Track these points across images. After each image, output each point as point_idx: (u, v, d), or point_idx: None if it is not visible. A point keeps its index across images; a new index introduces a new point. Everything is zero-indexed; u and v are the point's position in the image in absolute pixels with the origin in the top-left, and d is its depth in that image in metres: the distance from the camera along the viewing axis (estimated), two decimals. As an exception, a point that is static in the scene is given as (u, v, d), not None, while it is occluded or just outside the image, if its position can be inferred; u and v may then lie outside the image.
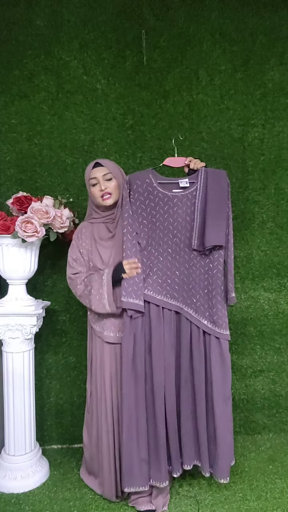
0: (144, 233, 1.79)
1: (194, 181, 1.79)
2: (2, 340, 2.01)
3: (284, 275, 2.47)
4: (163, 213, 1.78)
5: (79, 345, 2.36)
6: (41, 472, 2.05)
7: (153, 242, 1.80)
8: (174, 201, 1.78)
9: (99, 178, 1.81)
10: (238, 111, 2.39)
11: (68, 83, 2.30)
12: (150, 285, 1.79)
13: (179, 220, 1.79)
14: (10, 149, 2.29)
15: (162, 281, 1.80)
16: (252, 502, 1.89)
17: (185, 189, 1.79)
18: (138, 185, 1.78)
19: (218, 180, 1.78)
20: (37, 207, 1.90)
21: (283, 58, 2.40)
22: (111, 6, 2.29)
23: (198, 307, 1.81)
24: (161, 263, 1.81)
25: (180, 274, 1.81)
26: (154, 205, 1.78)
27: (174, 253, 1.81)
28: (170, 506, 1.86)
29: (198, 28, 2.34)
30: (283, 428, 2.51)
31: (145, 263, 1.80)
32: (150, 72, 2.33)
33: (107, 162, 1.85)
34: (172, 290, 1.80)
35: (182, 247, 1.80)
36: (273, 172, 2.43)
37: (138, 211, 1.78)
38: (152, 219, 1.79)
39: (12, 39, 2.26)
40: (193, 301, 1.81)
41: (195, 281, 1.82)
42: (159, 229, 1.79)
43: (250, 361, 2.48)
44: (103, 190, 1.81)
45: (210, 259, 1.80)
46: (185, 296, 1.81)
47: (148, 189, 1.78)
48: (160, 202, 1.78)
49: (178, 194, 1.78)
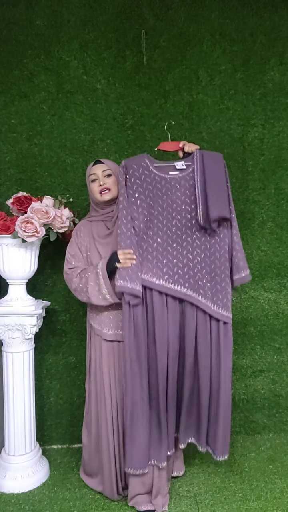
0: (142, 216, 1.75)
1: (190, 163, 1.79)
2: (2, 340, 2.01)
3: (284, 275, 2.47)
4: (161, 195, 1.76)
5: (79, 345, 2.36)
6: (41, 472, 2.05)
7: (151, 225, 1.76)
8: (172, 183, 1.77)
9: (99, 174, 1.87)
10: (238, 111, 2.39)
11: (68, 83, 2.30)
12: (149, 270, 1.72)
13: (178, 202, 1.76)
14: (10, 149, 2.29)
15: (163, 265, 1.74)
16: (252, 502, 1.89)
17: (182, 171, 1.78)
18: (135, 169, 1.76)
19: (215, 160, 1.78)
20: (37, 207, 1.90)
21: (283, 58, 2.40)
22: (111, 6, 2.29)
23: (205, 291, 1.74)
24: (161, 246, 1.75)
25: (183, 257, 1.75)
26: (151, 188, 1.76)
27: (175, 236, 1.75)
28: (170, 506, 1.86)
29: (198, 28, 2.34)
30: (283, 428, 2.51)
31: (144, 247, 1.75)
32: (150, 72, 2.33)
33: (107, 161, 1.92)
34: (175, 274, 1.73)
35: (183, 230, 1.76)
36: (273, 172, 2.43)
37: (136, 195, 1.75)
38: (150, 203, 1.76)
39: (12, 39, 2.26)
40: (200, 285, 1.74)
41: (200, 264, 1.75)
42: (157, 211, 1.76)
43: (250, 361, 2.48)
44: (102, 185, 1.86)
45: (216, 240, 1.76)
46: (191, 281, 1.74)
47: (144, 173, 1.76)
48: (157, 185, 1.77)
49: (176, 176, 1.77)
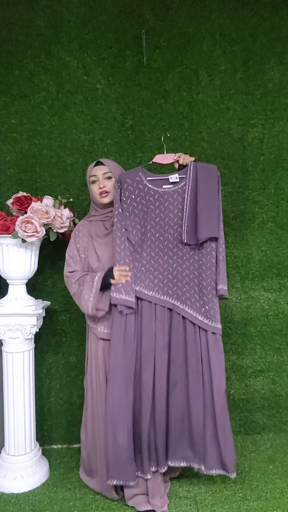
0: (136, 230, 1.79)
1: (184, 176, 1.79)
2: (2, 340, 2.01)
3: (284, 275, 2.47)
4: (154, 209, 1.79)
5: (79, 345, 2.36)
6: (41, 472, 2.05)
7: (145, 238, 1.80)
8: (165, 197, 1.78)
9: (99, 176, 1.88)
10: (238, 111, 2.39)
11: (68, 83, 2.30)
12: (142, 281, 1.79)
13: (170, 216, 1.79)
14: (10, 149, 2.29)
15: (154, 277, 1.80)
16: (252, 502, 1.89)
17: (175, 184, 1.79)
18: (129, 184, 1.79)
19: (208, 173, 1.77)
20: (37, 207, 1.90)
21: (283, 58, 2.40)
22: (111, 6, 2.29)
23: (193, 303, 1.80)
24: (153, 259, 1.80)
25: (173, 270, 1.80)
26: (145, 202, 1.78)
27: (167, 249, 1.80)
28: (170, 506, 1.86)
29: (198, 28, 2.34)
30: (283, 428, 2.51)
31: (138, 259, 1.80)
32: (150, 72, 2.33)
33: (108, 162, 1.91)
34: (165, 286, 1.80)
35: (174, 243, 1.80)
36: (273, 172, 2.43)
37: (130, 209, 1.79)
38: (143, 216, 1.79)
39: (12, 39, 2.26)
40: (187, 296, 1.80)
41: (188, 277, 1.80)
42: (150, 225, 1.79)
43: (250, 361, 2.48)
44: (102, 188, 1.87)
45: (203, 253, 1.79)
46: (179, 293, 1.80)
47: (138, 187, 1.79)
48: (151, 199, 1.79)
49: (169, 189, 1.79)
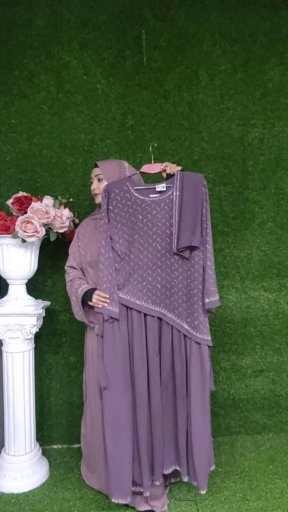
0: (123, 240, 1.78)
1: (170, 185, 1.78)
2: (2, 340, 2.01)
3: (284, 275, 2.47)
4: (141, 218, 1.78)
5: (79, 345, 2.36)
6: (41, 472, 2.05)
7: (132, 248, 1.79)
8: (152, 206, 1.78)
9: (93, 178, 1.96)
10: (238, 111, 2.39)
11: (68, 83, 2.30)
12: (130, 291, 1.79)
13: (158, 225, 1.78)
14: (10, 149, 2.29)
15: (143, 286, 1.80)
16: (252, 502, 1.89)
17: (162, 193, 1.78)
18: (116, 193, 1.78)
19: (194, 183, 1.77)
20: (37, 207, 1.90)
21: (283, 58, 2.40)
22: (111, 6, 2.29)
23: (180, 312, 1.80)
24: (141, 268, 1.80)
25: (162, 279, 1.80)
26: (132, 211, 1.78)
27: (155, 258, 1.80)
28: (170, 506, 1.86)
29: (198, 28, 2.34)
30: (283, 428, 2.51)
31: (126, 269, 1.79)
32: (150, 72, 2.34)
33: (103, 164, 1.93)
34: (153, 295, 1.80)
35: (163, 252, 1.79)
36: (273, 172, 2.43)
37: (117, 218, 1.78)
38: (131, 225, 1.79)
39: (12, 39, 2.26)
40: (175, 305, 1.80)
41: (177, 286, 1.80)
42: (138, 234, 1.79)
43: (250, 361, 2.48)
44: (93, 189, 1.95)
45: (191, 263, 1.79)
46: (167, 302, 1.80)
47: (126, 196, 1.78)
48: (138, 208, 1.78)
49: (156, 199, 1.78)
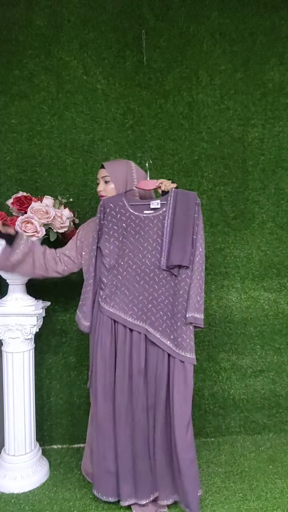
0: (113, 253, 1.79)
1: (165, 202, 1.80)
2: (2, 340, 2.01)
3: (284, 275, 2.47)
4: (134, 233, 1.80)
5: (79, 345, 2.36)
6: (41, 472, 2.05)
7: (122, 262, 1.80)
8: (146, 222, 1.80)
9: (99, 179, 1.92)
10: (238, 111, 2.39)
11: (68, 83, 2.30)
12: (117, 304, 1.79)
13: (149, 241, 1.80)
14: (10, 149, 2.29)
15: (129, 300, 1.79)
16: (252, 502, 1.89)
17: (156, 210, 1.80)
18: (112, 208, 1.80)
19: (186, 201, 1.77)
20: (37, 207, 1.90)
21: (283, 58, 2.40)
22: (111, 6, 2.29)
23: (164, 328, 1.78)
24: (129, 282, 1.80)
25: (149, 295, 1.79)
26: (125, 226, 1.80)
27: (143, 274, 1.80)
28: (170, 506, 1.86)
29: (198, 28, 2.34)
30: (283, 428, 2.51)
31: (113, 282, 1.80)
32: (150, 72, 2.33)
33: (110, 165, 1.90)
34: (139, 310, 1.79)
35: (151, 268, 1.80)
36: (273, 172, 2.43)
37: (110, 232, 1.80)
38: (122, 240, 1.80)
39: (12, 39, 2.26)
40: (160, 322, 1.78)
41: (163, 303, 1.80)
42: (129, 249, 1.80)
43: (250, 361, 2.48)
44: (99, 191, 1.91)
45: (178, 280, 1.79)
46: (152, 319, 1.79)
47: (121, 211, 1.80)
48: (131, 223, 1.80)
49: (150, 215, 1.80)
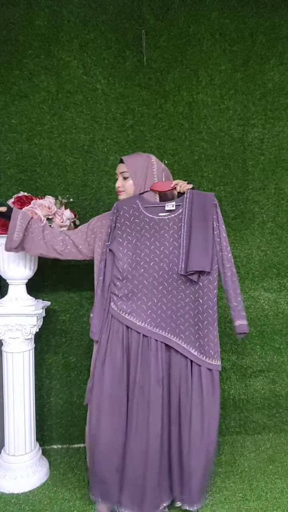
0: (127, 257, 1.71)
1: (180, 204, 1.72)
2: (2, 340, 2.01)
3: (284, 275, 2.47)
4: (149, 237, 1.72)
5: (79, 345, 2.36)
6: (41, 472, 2.05)
7: (138, 266, 1.72)
8: (161, 225, 1.72)
9: (118, 174, 1.86)
10: (238, 111, 2.39)
11: (68, 83, 2.30)
12: (134, 311, 1.70)
13: (166, 244, 1.71)
14: (10, 149, 2.29)
15: (147, 307, 1.71)
16: (252, 502, 1.89)
17: (172, 212, 1.72)
18: (125, 210, 1.75)
19: (204, 202, 1.69)
20: (40, 202, 1.92)
21: (283, 58, 2.40)
22: (111, 6, 2.29)
23: (187, 336, 1.69)
24: (146, 288, 1.71)
25: (168, 301, 1.71)
26: (139, 229, 1.73)
27: (161, 279, 1.71)
28: (170, 506, 1.86)
29: (198, 28, 2.34)
30: (283, 428, 2.51)
31: (129, 288, 1.71)
32: (150, 72, 2.33)
33: (130, 160, 1.83)
34: (158, 317, 1.70)
35: (170, 273, 1.71)
36: (273, 172, 2.43)
37: (123, 235, 1.73)
38: (136, 243, 1.73)
39: (12, 39, 2.26)
40: (181, 329, 1.70)
41: (183, 309, 1.70)
42: (144, 253, 1.72)
43: (250, 361, 2.48)
44: (117, 187, 1.85)
45: (200, 286, 1.69)
46: (173, 326, 1.70)
47: (134, 214, 1.74)
48: (146, 226, 1.73)
49: (165, 217, 1.73)
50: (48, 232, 1.84)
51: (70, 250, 1.86)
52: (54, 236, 1.85)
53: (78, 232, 1.88)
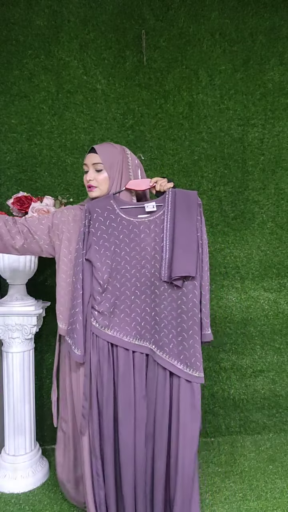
0: (106, 266, 1.55)
1: (161, 204, 1.56)
2: (2, 340, 2.01)
3: (284, 275, 2.47)
4: (128, 242, 1.56)
5: (79, 345, 2.36)
6: (41, 472, 2.05)
7: (118, 275, 1.55)
8: (141, 228, 1.56)
9: (89, 165, 1.61)
10: (238, 111, 2.39)
11: (68, 83, 2.30)
12: (117, 325, 1.55)
13: (147, 249, 1.56)
14: (10, 149, 2.29)
15: (131, 319, 1.56)
16: (252, 502, 1.89)
17: (152, 213, 1.56)
18: (98, 213, 1.56)
19: (187, 202, 1.55)
20: (38, 207, 1.90)
21: (283, 58, 2.40)
22: (111, 6, 2.29)
23: (171, 348, 1.54)
24: (128, 298, 1.56)
25: (151, 310, 1.56)
26: (117, 234, 1.56)
27: (144, 286, 1.56)
28: (170, 506, 1.86)
29: (198, 28, 2.34)
30: (283, 428, 2.51)
31: (110, 300, 1.55)
32: (150, 72, 2.34)
33: (104, 150, 1.60)
34: (142, 329, 1.56)
35: (152, 280, 1.56)
36: (273, 172, 2.43)
37: (100, 242, 1.55)
38: (115, 250, 1.56)
39: (12, 39, 2.26)
40: (165, 342, 1.54)
41: (167, 319, 1.55)
42: (124, 260, 1.56)
43: (250, 361, 2.48)
44: (88, 181, 1.61)
45: (183, 292, 1.53)
46: (156, 337, 1.55)
47: (110, 217, 1.56)
48: (124, 230, 1.56)
49: (145, 219, 1.56)
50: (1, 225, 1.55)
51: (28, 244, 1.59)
52: (8, 231, 1.56)
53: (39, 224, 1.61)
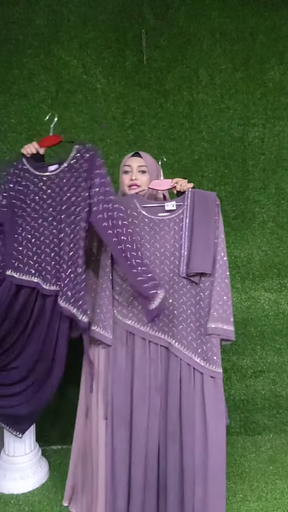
0: None
1: (181, 203, 1.67)
2: (2, 340, 2.00)
3: (284, 275, 2.47)
4: (149, 238, 1.67)
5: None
6: (41, 472, 2.05)
7: None
8: (161, 225, 1.67)
9: (134, 167, 1.77)
10: (239, 111, 2.39)
11: (67, 82, 2.29)
12: (134, 315, 1.66)
13: (166, 246, 1.66)
14: (10, 149, 2.29)
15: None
16: (253, 503, 1.88)
17: (172, 212, 1.67)
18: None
19: (206, 202, 1.64)
20: None
21: (283, 58, 2.39)
22: (111, 5, 2.29)
23: (189, 342, 1.61)
24: None
25: (169, 305, 1.64)
26: (139, 230, 1.67)
27: (162, 281, 1.64)
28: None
29: (198, 27, 2.33)
30: (283, 429, 2.51)
31: (130, 292, 1.65)
32: (150, 72, 2.33)
33: (146, 156, 1.81)
34: (160, 321, 1.64)
35: (171, 275, 1.65)
36: (274, 172, 2.43)
37: None
38: None
39: (12, 39, 2.25)
40: (183, 335, 1.62)
41: (185, 313, 1.63)
42: (144, 255, 1.65)
43: (250, 361, 2.47)
44: (133, 180, 1.76)
45: (201, 288, 1.62)
46: (174, 331, 1.63)
47: (132, 214, 1.68)
48: (145, 227, 1.67)
49: (165, 218, 1.67)
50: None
51: None
52: None
53: None
